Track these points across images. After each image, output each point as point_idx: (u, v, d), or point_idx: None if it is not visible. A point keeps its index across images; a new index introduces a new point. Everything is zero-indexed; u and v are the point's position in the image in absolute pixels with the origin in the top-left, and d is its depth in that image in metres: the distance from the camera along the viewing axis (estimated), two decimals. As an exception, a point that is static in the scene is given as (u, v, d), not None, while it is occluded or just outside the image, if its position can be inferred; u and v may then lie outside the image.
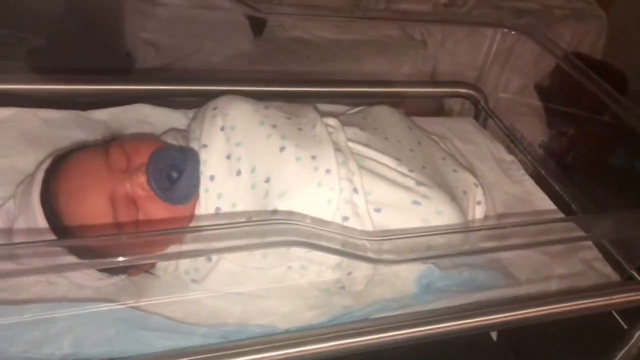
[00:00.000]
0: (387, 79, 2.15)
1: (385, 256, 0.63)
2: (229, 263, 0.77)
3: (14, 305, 0.68)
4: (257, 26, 2.06)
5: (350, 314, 0.81)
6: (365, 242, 0.63)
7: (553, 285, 0.93)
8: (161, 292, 0.79)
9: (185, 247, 0.68)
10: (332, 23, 2.05)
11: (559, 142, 2.53)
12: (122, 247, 0.77)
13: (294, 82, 1.19)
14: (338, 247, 0.60)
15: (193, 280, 0.80)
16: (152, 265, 0.82)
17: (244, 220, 0.76)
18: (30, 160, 0.91)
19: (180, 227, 0.76)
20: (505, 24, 1.21)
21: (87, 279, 0.78)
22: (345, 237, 0.62)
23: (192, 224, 0.79)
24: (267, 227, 0.59)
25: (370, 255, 0.62)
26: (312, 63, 2.04)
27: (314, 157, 0.80)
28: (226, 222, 0.62)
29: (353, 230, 0.73)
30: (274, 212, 0.76)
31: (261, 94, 1.14)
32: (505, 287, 0.89)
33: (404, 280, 0.86)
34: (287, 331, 0.77)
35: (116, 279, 0.80)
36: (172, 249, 0.76)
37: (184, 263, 0.79)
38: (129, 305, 0.74)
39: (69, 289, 0.78)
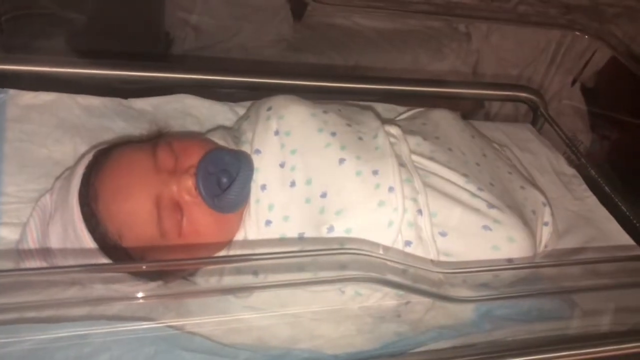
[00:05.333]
0: (428, 71, 2.06)
1: (462, 293, 0.57)
2: None
3: (49, 324, 0.62)
4: (298, 10, 1.98)
5: (403, 341, 0.75)
6: (440, 276, 0.56)
7: (620, 318, 0.85)
8: (202, 307, 0.73)
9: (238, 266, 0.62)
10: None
11: (600, 146, 2.44)
12: (162, 252, 0.72)
13: (343, 77, 1.11)
14: (411, 283, 0.53)
15: (236, 295, 0.74)
16: (191, 273, 0.76)
17: (300, 242, 0.69)
18: (68, 150, 0.85)
19: (236, 255, 0.71)
20: (576, 27, 1.12)
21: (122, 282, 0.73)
22: (418, 270, 0.55)
23: (240, 237, 0.73)
24: (335, 258, 0.52)
25: (445, 292, 0.55)
26: (353, 52, 1.95)
27: (375, 173, 0.73)
28: (286, 250, 0.55)
29: (425, 261, 0.66)
30: (330, 229, 0.69)
31: (307, 88, 1.08)
32: (570, 319, 0.82)
33: (462, 305, 0.79)
34: (336, 357, 0.71)
35: (152, 285, 0.74)
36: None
37: (228, 276, 0.73)
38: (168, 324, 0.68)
39: (104, 293, 0.72)
